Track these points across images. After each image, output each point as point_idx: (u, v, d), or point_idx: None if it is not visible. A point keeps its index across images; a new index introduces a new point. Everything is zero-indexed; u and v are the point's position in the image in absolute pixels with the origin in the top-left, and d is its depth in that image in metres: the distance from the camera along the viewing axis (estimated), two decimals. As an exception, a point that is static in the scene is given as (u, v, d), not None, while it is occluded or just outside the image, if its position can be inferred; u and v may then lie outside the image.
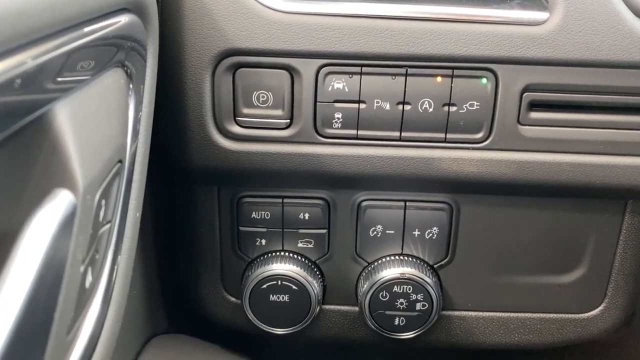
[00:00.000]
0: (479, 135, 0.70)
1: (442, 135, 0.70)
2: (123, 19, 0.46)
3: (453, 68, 0.67)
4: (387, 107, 0.69)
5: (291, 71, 0.68)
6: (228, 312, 0.85)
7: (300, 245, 0.80)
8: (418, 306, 0.80)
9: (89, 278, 0.45)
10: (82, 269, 0.42)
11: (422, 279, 0.78)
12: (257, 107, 0.69)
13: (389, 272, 0.78)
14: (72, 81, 0.38)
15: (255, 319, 0.81)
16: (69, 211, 0.37)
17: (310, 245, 0.80)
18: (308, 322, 0.81)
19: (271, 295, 0.79)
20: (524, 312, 0.85)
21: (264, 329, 0.82)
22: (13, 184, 0.35)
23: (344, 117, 0.69)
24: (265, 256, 0.80)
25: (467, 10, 0.67)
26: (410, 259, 0.80)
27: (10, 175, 0.35)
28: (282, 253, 0.80)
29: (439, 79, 0.68)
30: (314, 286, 0.79)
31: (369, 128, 0.70)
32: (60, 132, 0.37)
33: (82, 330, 0.47)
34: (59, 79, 0.36)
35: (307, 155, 0.71)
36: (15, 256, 0.34)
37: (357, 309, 0.84)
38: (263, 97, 0.69)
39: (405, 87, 0.68)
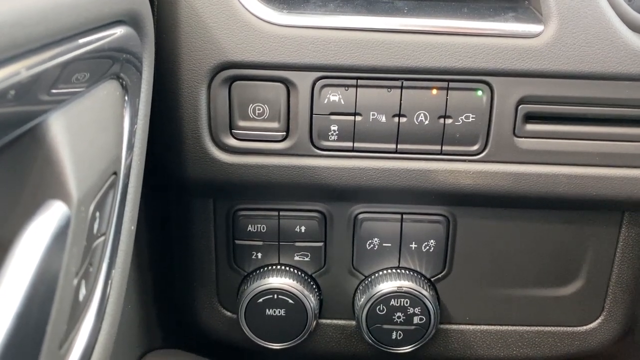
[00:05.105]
0: (475, 148, 0.70)
1: (438, 148, 0.70)
2: (119, 31, 0.46)
3: (448, 80, 0.67)
4: (383, 119, 0.69)
5: (287, 84, 0.68)
6: (223, 326, 0.85)
7: (296, 258, 0.79)
8: (415, 320, 0.79)
9: (83, 291, 0.44)
10: (75, 282, 0.42)
11: (420, 292, 0.78)
12: (253, 119, 0.69)
13: (386, 286, 0.78)
14: (67, 93, 0.38)
15: (251, 333, 0.80)
16: (62, 223, 0.37)
17: (307, 259, 0.79)
18: (304, 337, 0.80)
19: (267, 310, 0.78)
20: (521, 325, 0.84)
21: (260, 343, 0.81)
22: (6, 195, 0.35)
23: (340, 130, 0.69)
24: (261, 270, 0.79)
25: (462, 23, 0.67)
26: (408, 272, 0.79)
27: (3, 186, 0.35)
28: (278, 266, 0.79)
29: (434, 91, 0.68)
30: (311, 300, 0.78)
31: (365, 140, 0.70)
32: (54, 143, 0.37)
33: (75, 345, 0.46)
34: (54, 91, 0.36)
35: (303, 168, 0.70)
36: (7, 268, 0.34)
37: (354, 323, 0.83)
38: (259, 109, 0.69)
39: (400, 100, 0.68)
